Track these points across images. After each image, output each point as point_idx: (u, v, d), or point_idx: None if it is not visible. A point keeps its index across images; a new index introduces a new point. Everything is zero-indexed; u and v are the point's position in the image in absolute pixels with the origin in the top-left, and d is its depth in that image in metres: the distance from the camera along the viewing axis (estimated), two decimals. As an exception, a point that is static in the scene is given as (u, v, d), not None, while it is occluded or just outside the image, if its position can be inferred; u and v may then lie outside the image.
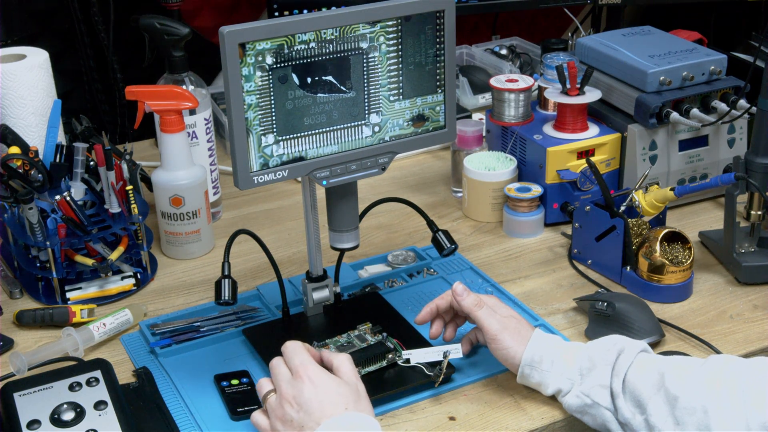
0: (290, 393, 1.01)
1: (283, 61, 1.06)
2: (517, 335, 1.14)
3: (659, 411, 1.03)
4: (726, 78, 1.54)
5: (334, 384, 1.01)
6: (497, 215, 1.56)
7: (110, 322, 1.27)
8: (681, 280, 1.33)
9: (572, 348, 1.13)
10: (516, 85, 1.56)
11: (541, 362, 1.12)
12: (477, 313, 1.16)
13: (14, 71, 1.42)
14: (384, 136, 1.17)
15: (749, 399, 0.99)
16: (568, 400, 1.11)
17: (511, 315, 1.17)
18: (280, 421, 1.00)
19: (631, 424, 1.05)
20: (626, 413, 1.06)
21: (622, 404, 1.06)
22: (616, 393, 1.07)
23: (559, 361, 1.12)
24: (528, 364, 1.12)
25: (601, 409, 1.08)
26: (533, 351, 1.12)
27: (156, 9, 1.77)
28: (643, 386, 1.05)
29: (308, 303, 1.27)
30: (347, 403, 0.99)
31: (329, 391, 1.00)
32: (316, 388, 1.00)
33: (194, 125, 1.53)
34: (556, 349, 1.13)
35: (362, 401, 1.02)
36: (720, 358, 1.07)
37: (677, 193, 1.38)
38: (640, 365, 1.08)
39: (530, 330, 1.15)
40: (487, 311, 1.16)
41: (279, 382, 1.03)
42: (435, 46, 1.16)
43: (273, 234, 1.55)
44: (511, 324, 1.15)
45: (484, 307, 1.16)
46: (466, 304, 1.17)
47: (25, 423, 1.05)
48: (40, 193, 1.36)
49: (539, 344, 1.13)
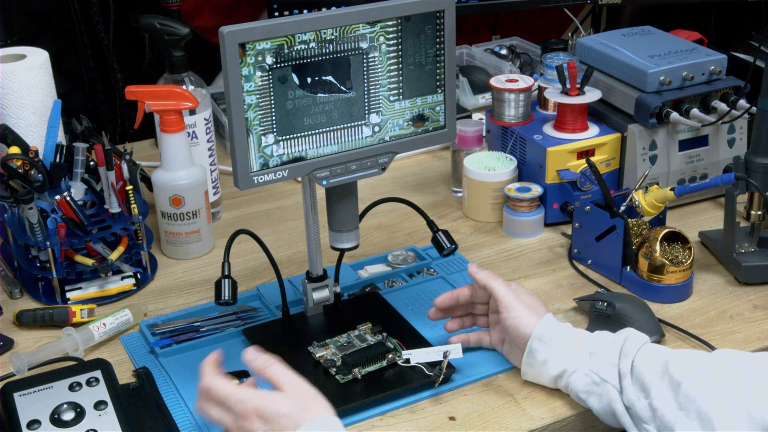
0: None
1: (283, 61, 1.06)
2: (531, 309, 1.16)
3: (663, 396, 1.04)
4: (726, 78, 1.54)
5: (281, 404, 0.96)
6: (497, 215, 1.56)
7: (110, 322, 1.27)
8: (681, 280, 1.33)
9: (581, 333, 1.15)
10: (516, 85, 1.56)
11: (551, 339, 1.13)
12: (492, 284, 1.18)
13: (14, 71, 1.42)
14: (384, 136, 1.17)
15: (752, 391, 1.00)
16: (575, 380, 1.11)
17: (528, 293, 1.19)
18: None
19: (636, 406, 1.06)
20: (631, 395, 1.06)
21: (628, 385, 1.07)
22: (624, 373, 1.07)
23: (569, 341, 1.13)
24: (538, 337, 1.13)
25: (608, 386, 1.08)
26: (545, 327, 1.14)
27: (156, 9, 1.77)
28: (648, 372, 1.06)
29: (308, 303, 1.27)
30: (295, 418, 0.95)
31: (280, 420, 0.95)
32: (266, 420, 0.96)
33: (194, 125, 1.53)
34: (566, 332, 1.14)
35: (311, 405, 0.97)
36: (724, 352, 1.08)
37: (677, 193, 1.38)
38: (646, 352, 1.09)
39: (545, 310, 1.17)
40: (503, 283, 1.18)
41: (228, 427, 0.98)
42: (435, 46, 1.16)
43: (273, 234, 1.55)
44: (526, 298, 1.17)
45: (500, 279, 1.18)
46: (481, 276, 1.19)
47: (25, 423, 1.05)
48: (40, 193, 1.36)
49: (551, 324, 1.14)
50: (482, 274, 1.20)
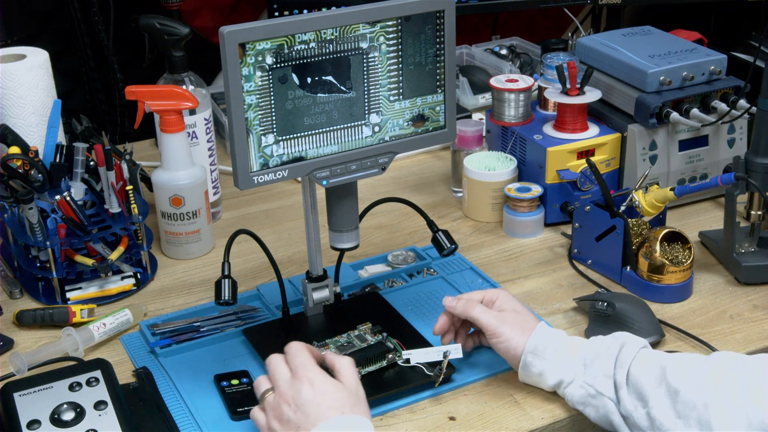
0: (289, 393, 1.01)
1: (283, 61, 1.06)
2: (517, 327, 1.14)
3: (661, 404, 1.03)
4: (726, 78, 1.54)
5: (333, 388, 1.01)
6: (497, 215, 1.56)
7: (110, 322, 1.27)
8: (681, 280, 1.33)
9: (575, 341, 1.14)
10: (516, 85, 1.56)
11: (545, 351, 1.12)
12: (471, 314, 1.16)
13: (14, 71, 1.42)
14: (384, 136, 1.17)
15: (750, 395, 0.99)
16: (571, 391, 1.11)
17: (513, 309, 1.17)
18: (277, 420, 1.00)
19: (633, 416, 1.05)
20: (628, 405, 1.06)
21: (625, 396, 1.06)
22: (620, 384, 1.07)
23: (563, 351, 1.12)
24: (531, 351, 1.12)
25: (604, 399, 1.08)
26: (537, 340, 1.13)
27: (156, 9, 1.77)
28: (645, 380, 1.06)
29: (308, 303, 1.27)
30: (344, 407, 0.99)
31: (327, 395, 1.00)
32: (314, 390, 1.00)
33: (194, 125, 1.53)
34: (560, 341, 1.13)
35: (360, 405, 1.02)
36: (722, 355, 1.08)
37: (677, 193, 1.38)
38: (642, 359, 1.08)
39: (534, 322, 1.16)
40: (481, 309, 1.16)
41: (278, 382, 1.03)
42: (435, 46, 1.16)
43: (273, 234, 1.55)
44: (510, 318, 1.15)
45: (477, 307, 1.16)
46: (459, 311, 1.18)
47: (25, 423, 1.05)
48: (40, 193, 1.36)
49: (543, 335, 1.13)
50: (459, 306, 1.18)
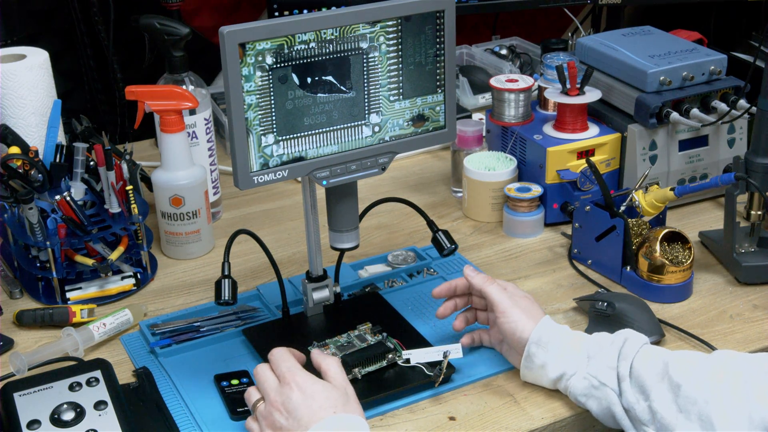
0: (278, 400, 1.01)
1: (283, 61, 1.06)
2: (527, 313, 1.15)
3: (662, 398, 1.04)
4: (726, 78, 1.54)
5: (322, 388, 1.02)
6: (497, 215, 1.56)
7: (110, 322, 1.27)
8: (681, 280, 1.33)
9: (579, 335, 1.15)
10: (516, 85, 1.56)
11: (548, 343, 1.13)
12: (488, 288, 1.18)
13: (14, 71, 1.42)
14: (384, 136, 1.17)
15: (752, 393, 1.00)
16: (574, 383, 1.11)
17: (525, 296, 1.18)
18: (271, 429, 1.01)
19: (635, 409, 1.06)
20: (630, 398, 1.06)
21: (627, 388, 1.07)
22: (623, 376, 1.07)
23: (567, 345, 1.13)
24: (535, 342, 1.13)
25: (607, 390, 1.08)
26: (542, 331, 1.13)
27: (156, 9, 1.77)
28: (647, 374, 1.06)
29: (308, 303, 1.27)
30: (336, 407, 1.00)
31: (317, 396, 1.00)
32: (303, 394, 1.00)
33: (194, 125, 1.53)
34: (564, 335, 1.14)
35: (351, 404, 1.02)
36: (724, 353, 1.08)
37: (677, 193, 1.38)
38: (645, 354, 1.08)
39: (541, 313, 1.17)
40: (498, 287, 1.18)
41: (266, 390, 1.03)
42: (435, 46, 1.16)
43: (273, 234, 1.55)
44: (523, 302, 1.17)
45: (495, 284, 1.18)
46: (476, 281, 1.19)
47: (25, 423, 1.05)
48: (40, 193, 1.36)
49: (548, 327, 1.14)
50: (477, 278, 1.20)
